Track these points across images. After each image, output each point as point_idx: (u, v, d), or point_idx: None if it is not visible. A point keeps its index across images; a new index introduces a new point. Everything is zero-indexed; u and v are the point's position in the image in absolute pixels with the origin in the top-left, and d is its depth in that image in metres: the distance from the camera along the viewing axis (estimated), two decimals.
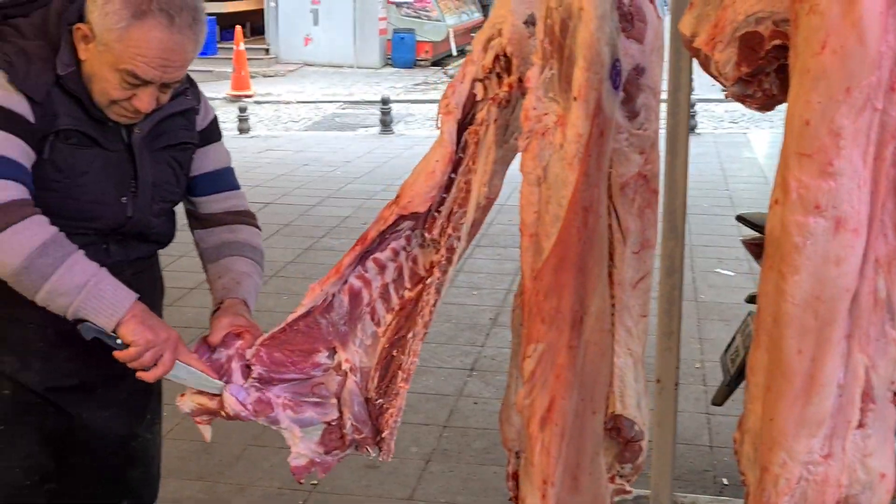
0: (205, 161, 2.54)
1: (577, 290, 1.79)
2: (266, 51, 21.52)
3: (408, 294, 2.13)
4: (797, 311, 1.21)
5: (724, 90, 1.52)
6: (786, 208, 1.21)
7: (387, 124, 13.31)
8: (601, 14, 1.64)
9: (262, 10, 22.04)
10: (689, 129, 9.02)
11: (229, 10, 21.91)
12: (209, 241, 2.56)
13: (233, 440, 4.48)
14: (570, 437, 1.88)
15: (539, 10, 1.81)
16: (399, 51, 21.15)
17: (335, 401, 2.16)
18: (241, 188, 2.64)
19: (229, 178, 2.61)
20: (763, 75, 1.43)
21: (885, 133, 1.24)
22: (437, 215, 2.06)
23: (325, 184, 9.94)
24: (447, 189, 2.04)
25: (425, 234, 2.08)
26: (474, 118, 2.01)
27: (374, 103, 15.39)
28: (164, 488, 2.81)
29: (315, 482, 4.12)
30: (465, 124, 2.03)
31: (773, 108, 1.48)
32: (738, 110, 14.41)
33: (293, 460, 2.18)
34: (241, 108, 13.40)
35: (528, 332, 1.82)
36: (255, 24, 22.80)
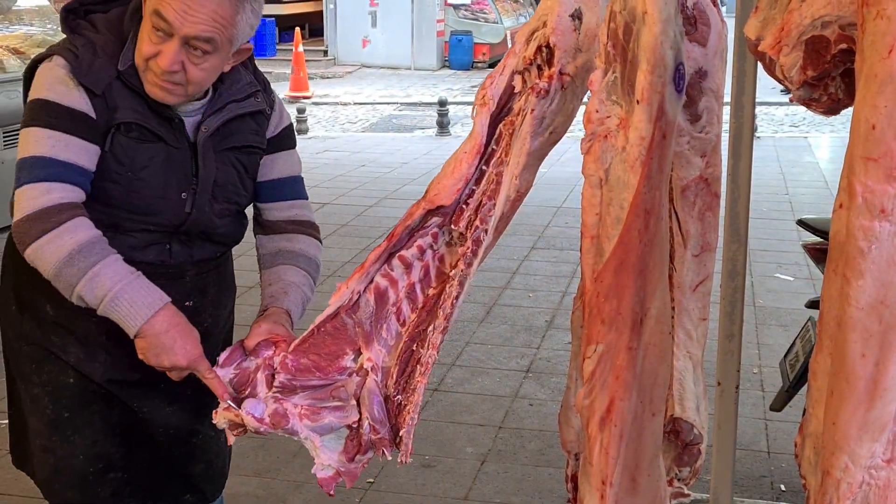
0: (273, 168, 2.56)
1: (637, 291, 1.79)
2: (324, 52, 21.67)
3: (432, 292, 2.12)
4: (861, 315, 1.21)
5: (782, 92, 1.52)
6: (851, 212, 1.21)
7: (444, 126, 13.34)
8: (665, 18, 1.64)
9: (321, 12, 22.20)
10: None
11: (288, 11, 22.10)
12: (268, 247, 2.58)
13: (289, 438, 4.53)
14: (630, 439, 1.88)
15: (586, 11, 1.82)
16: (456, 52, 21.20)
17: (355, 402, 2.11)
18: (307, 198, 2.65)
19: (296, 187, 2.62)
20: (829, 79, 1.43)
21: None
22: (465, 207, 2.03)
23: (382, 185, 10.00)
24: (477, 181, 2.02)
25: (452, 226, 2.05)
26: (510, 110, 2.00)
27: (431, 105, 15.44)
28: None
29: (371, 480, 4.15)
30: (499, 117, 2.02)
31: (839, 113, 1.48)
32: (798, 114, 14.26)
33: (319, 472, 2.14)
34: (300, 110, 13.51)
35: (588, 333, 1.82)
36: (313, 26, 22.96)
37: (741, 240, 2.05)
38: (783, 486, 4.11)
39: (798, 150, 11.61)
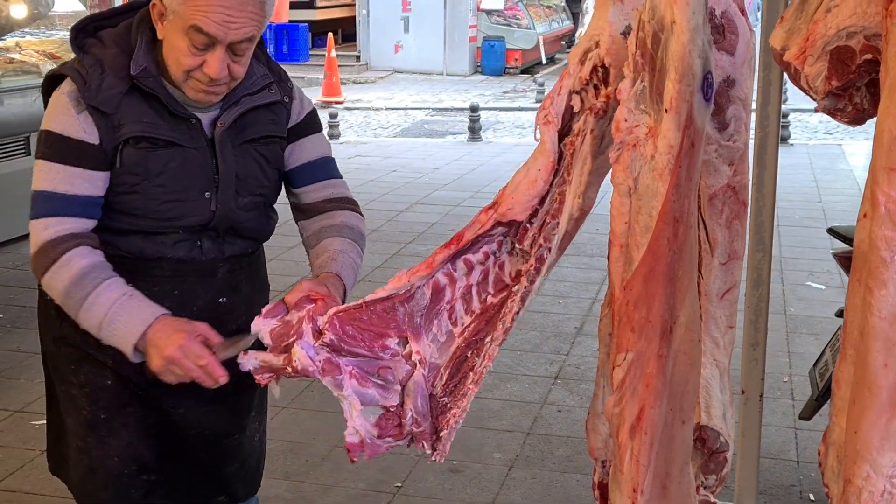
0: (301, 153, 2.59)
1: (666, 299, 1.79)
2: (357, 58, 21.75)
3: (490, 299, 2.13)
4: (884, 325, 1.22)
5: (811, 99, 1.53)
6: (874, 222, 1.22)
7: (475, 131, 13.36)
8: (694, 27, 1.65)
9: (354, 18, 22.29)
10: (782, 140, 8.91)
11: (321, 17, 22.21)
12: (310, 228, 2.60)
13: (319, 441, 4.56)
14: (660, 446, 1.88)
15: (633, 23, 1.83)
16: (488, 58, 21.21)
17: (399, 388, 2.13)
18: (341, 177, 2.68)
19: (328, 168, 2.65)
20: (854, 89, 1.43)
21: None
22: (529, 226, 2.06)
23: (413, 190, 10.02)
24: (541, 200, 2.05)
25: (516, 244, 2.08)
26: (571, 130, 2.02)
27: (462, 110, 15.46)
28: None
29: (399, 484, 4.17)
30: (562, 136, 2.04)
31: (864, 123, 1.48)
32: (832, 121, 14.13)
33: (348, 436, 2.14)
34: (332, 115, 13.57)
35: (618, 341, 1.83)
36: (346, 32, 23.07)
37: (766, 248, 2.05)
38: (812, 496, 4.09)
39: (831, 157, 11.54)
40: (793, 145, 12.16)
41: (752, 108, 2.15)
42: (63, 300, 2.29)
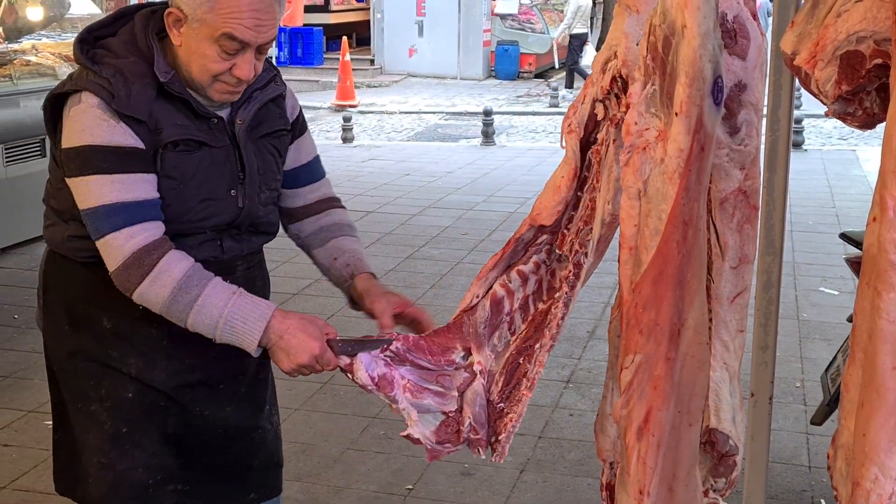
0: (299, 154, 2.63)
1: (675, 302, 1.80)
2: (371, 61, 21.80)
3: (541, 306, 2.20)
4: (892, 328, 1.22)
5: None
6: (882, 226, 1.23)
7: (489, 135, 13.37)
8: (704, 31, 1.66)
9: (368, 22, 22.34)
10: (796, 145, 8.86)
11: (336, 21, 22.29)
12: (307, 229, 2.65)
13: (331, 443, 4.57)
14: (667, 449, 1.89)
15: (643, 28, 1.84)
16: (502, 62, 21.23)
17: (456, 394, 2.22)
18: (326, 175, 2.74)
19: (319, 167, 2.71)
20: (864, 93, 1.44)
21: None
22: (566, 232, 2.12)
23: (427, 194, 10.04)
24: (575, 207, 2.10)
25: (557, 250, 2.15)
26: (597, 139, 2.05)
27: (476, 114, 15.49)
28: None
29: (410, 487, 4.18)
30: (588, 143, 2.07)
31: (874, 127, 1.49)
32: (847, 127, 14.10)
33: (412, 433, 2.22)
34: (346, 118, 13.61)
35: (626, 343, 1.83)
36: (360, 36, 23.12)
37: (776, 252, 2.06)
38: (823, 501, 4.08)
39: (845, 162, 11.51)
40: (807, 151, 12.13)
41: (764, 112, 2.16)
42: (168, 307, 2.25)
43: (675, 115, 1.69)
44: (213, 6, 2.21)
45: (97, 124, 2.25)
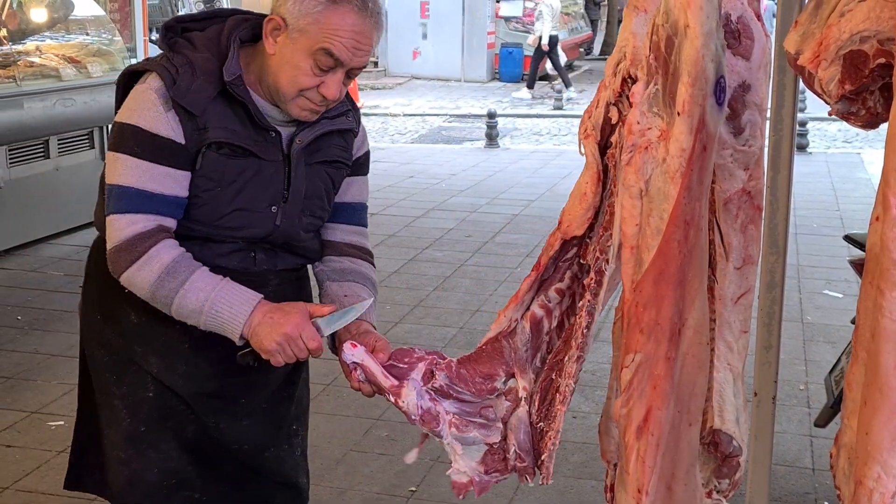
0: (346, 191, 2.58)
1: (676, 302, 1.80)
2: (375, 63, 21.78)
3: (574, 320, 2.15)
4: (895, 327, 1.22)
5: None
6: (885, 225, 1.22)
7: (492, 138, 13.36)
8: (707, 31, 1.66)
9: None
10: (801, 148, 8.86)
11: None
12: (330, 265, 2.58)
13: (334, 444, 4.57)
14: (666, 448, 1.89)
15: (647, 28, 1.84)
16: (506, 65, 21.22)
17: (500, 425, 2.18)
18: (367, 227, 2.67)
19: (362, 214, 2.65)
20: (867, 93, 1.44)
21: None
22: (588, 241, 2.08)
23: (430, 196, 10.04)
24: (597, 213, 2.07)
25: (580, 260, 2.11)
26: (611, 143, 2.03)
27: (480, 117, 15.49)
28: None
29: (413, 489, 4.17)
30: (606, 148, 2.05)
31: (877, 126, 1.48)
32: (851, 130, 14.11)
33: (454, 475, 2.20)
34: None
35: (627, 342, 1.84)
36: None
37: (780, 252, 2.05)
38: (827, 503, 4.08)
39: (850, 165, 11.50)
40: (811, 154, 12.12)
41: (768, 112, 2.15)
42: (153, 292, 2.26)
43: (678, 114, 1.69)
44: (318, 19, 2.21)
45: (147, 108, 2.28)
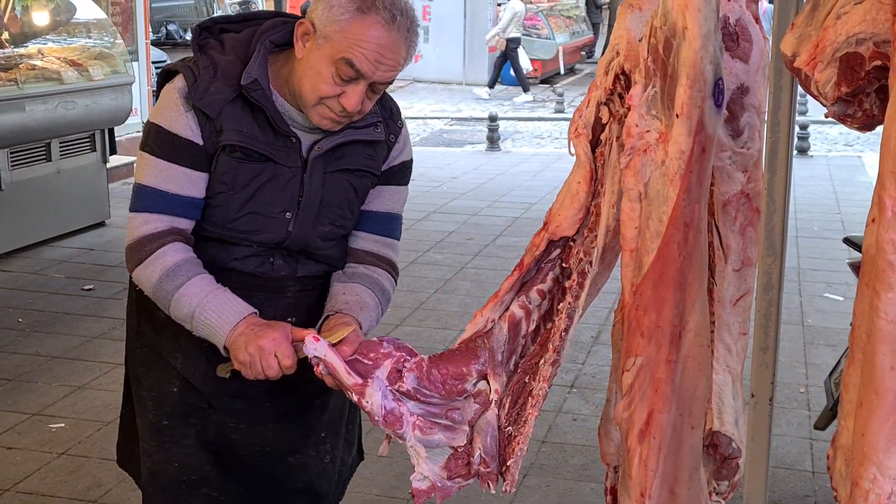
0: (376, 199, 2.54)
1: (676, 304, 1.80)
2: None
3: (550, 324, 2.13)
4: (891, 329, 1.22)
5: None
6: (881, 226, 1.23)
7: (494, 141, 13.38)
8: (705, 33, 1.66)
9: None
10: (801, 151, 8.88)
11: None
12: (345, 270, 2.53)
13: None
14: (669, 451, 1.89)
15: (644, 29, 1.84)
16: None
17: (467, 428, 2.14)
18: (398, 239, 2.60)
19: (390, 225, 2.59)
20: (863, 95, 1.44)
21: None
22: (572, 243, 2.06)
23: (431, 199, 10.04)
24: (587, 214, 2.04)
25: (563, 262, 2.08)
26: (600, 142, 2.02)
27: (481, 120, 15.48)
28: None
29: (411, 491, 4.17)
30: (593, 148, 2.04)
31: (874, 128, 1.49)
32: (852, 133, 14.11)
33: (416, 481, 2.15)
34: None
35: (628, 345, 1.84)
36: None
37: (776, 253, 2.06)
38: None
39: (851, 169, 11.51)
40: (812, 157, 12.13)
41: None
42: (154, 291, 2.30)
43: (676, 116, 1.69)
44: (343, 28, 2.19)
45: (169, 107, 2.30)
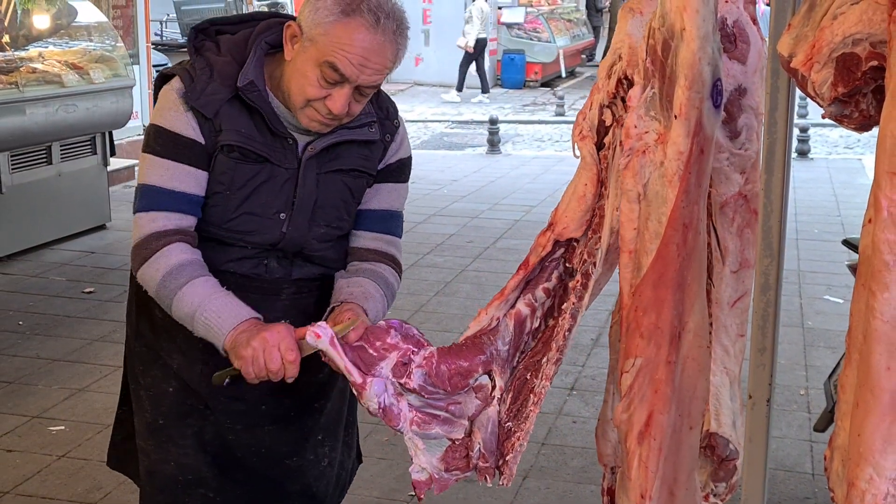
0: (373, 198, 2.54)
1: (675, 306, 1.80)
2: None
3: (551, 322, 2.14)
4: (886, 329, 1.23)
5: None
6: (877, 226, 1.23)
7: (494, 144, 13.38)
8: (703, 34, 1.67)
9: None
10: (802, 153, 8.86)
11: None
12: (348, 268, 2.52)
13: None
14: (668, 452, 1.89)
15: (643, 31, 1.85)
16: (508, 71, 21.24)
17: (465, 421, 2.14)
18: (399, 237, 2.59)
19: (390, 223, 2.58)
20: (860, 96, 1.44)
21: None
22: (576, 244, 2.07)
23: (432, 202, 10.04)
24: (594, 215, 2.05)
25: (566, 263, 2.09)
26: (603, 145, 2.03)
27: (482, 123, 15.49)
28: None
29: (412, 493, 4.17)
30: (598, 149, 2.04)
31: (871, 129, 1.49)
32: (853, 136, 14.12)
33: (414, 473, 2.16)
34: None
35: (627, 347, 1.84)
36: None
37: (774, 254, 2.05)
38: None
39: (851, 171, 11.51)
40: (812, 160, 12.13)
41: None
42: (157, 290, 2.29)
43: (675, 117, 1.69)
44: (327, 31, 2.19)
45: (168, 108, 2.32)
